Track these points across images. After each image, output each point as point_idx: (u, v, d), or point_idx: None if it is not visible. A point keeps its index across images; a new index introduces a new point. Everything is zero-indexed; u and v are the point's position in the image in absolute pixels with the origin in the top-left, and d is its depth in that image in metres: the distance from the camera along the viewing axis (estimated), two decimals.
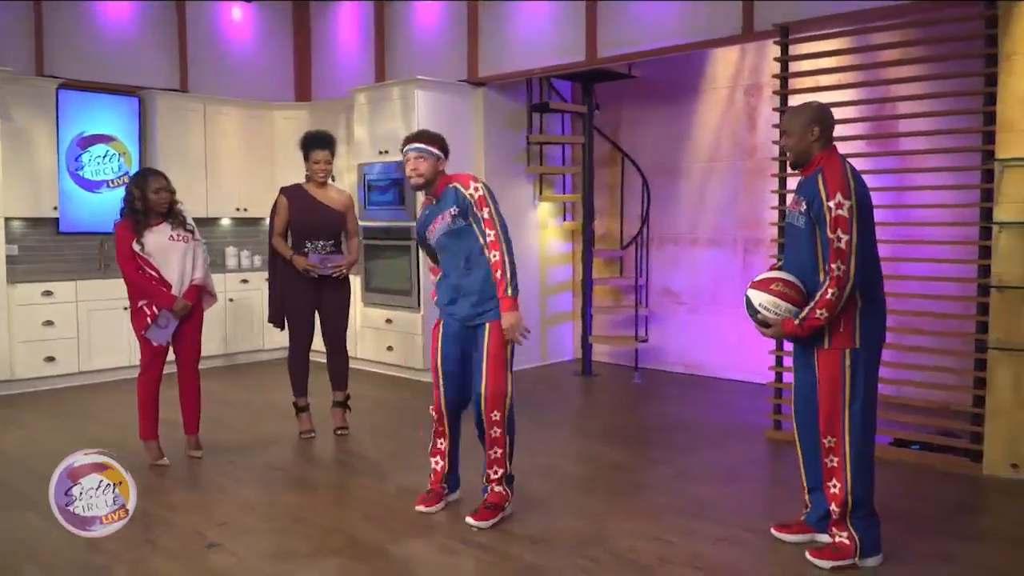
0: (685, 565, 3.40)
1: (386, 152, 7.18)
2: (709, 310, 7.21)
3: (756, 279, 3.49)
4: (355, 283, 6.85)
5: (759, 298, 3.39)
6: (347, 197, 5.48)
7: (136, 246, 4.52)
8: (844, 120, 5.26)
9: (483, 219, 3.78)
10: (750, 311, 3.45)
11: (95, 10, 7.51)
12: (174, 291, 4.61)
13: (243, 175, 8.16)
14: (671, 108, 7.37)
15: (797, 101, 5.14)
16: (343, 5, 8.41)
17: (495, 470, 3.86)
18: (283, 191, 5.37)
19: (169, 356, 4.78)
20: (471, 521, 3.82)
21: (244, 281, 7.93)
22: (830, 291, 3.21)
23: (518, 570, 3.38)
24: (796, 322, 3.30)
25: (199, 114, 7.86)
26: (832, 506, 3.38)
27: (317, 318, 5.38)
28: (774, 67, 5.54)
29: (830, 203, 3.21)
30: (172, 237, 4.60)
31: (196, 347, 4.83)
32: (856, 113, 5.44)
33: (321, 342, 5.39)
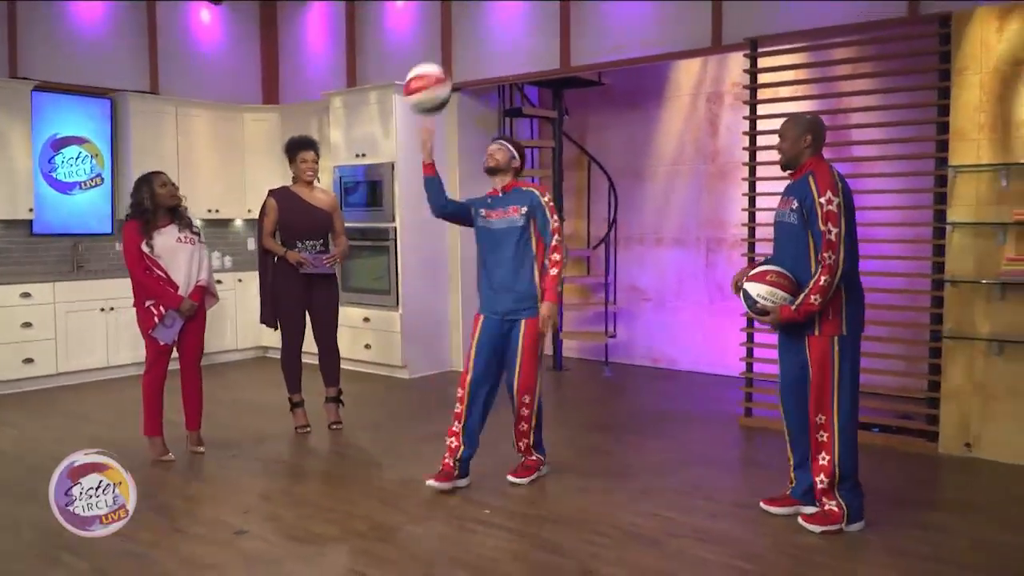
0: (688, 537, 3.71)
1: (363, 155, 7.37)
2: (674, 306, 7.58)
3: (751, 273, 3.82)
4: None
5: (756, 289, 3.72)
6: (332, 198, 5.68)
7: (145, 248, 4.65)
8: None
9: (553, 226, 4.19)
10: (748, 303, 3.77)
11: (68, 12, 7.52)
12: (181, 292, 4.74)
13: (214, 177, 8.24)
14: (637, 114, 7.72)
15: (766, 110, 5.57)
16: (311, 8, 8.53)
17: (525, 441, 4.41)
18: (271, 193, 5.51)
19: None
20: (512, 479, 4.38)
21: (218, 282, 7.95)
22: (823, 278, 3.57)
23: (537, 545, 3.64)
24: (793, 308, 3.64)
25: (171, 116, 7.92)
26: (821, 477, 3.74)
27: (307, 318, 5.55)
28: (736, 77, 5.92)
29: (821, 199, 3.58)
30: (179, 239, 4.75)
31: (199, 346, 4.97)
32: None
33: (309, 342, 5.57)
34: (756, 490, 4.24)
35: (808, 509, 3.89)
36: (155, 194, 4.69)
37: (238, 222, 8.78)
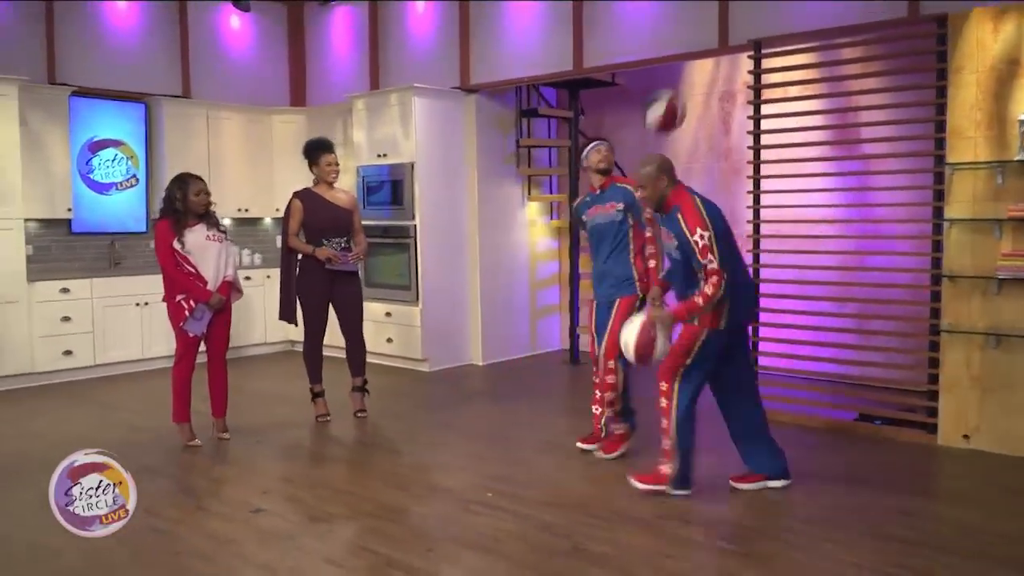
0: (677, 519, 3.91)
1: (384, 155, 7.62)
2: None
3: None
4: None
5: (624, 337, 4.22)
6: (352, 197, 5.94)
7: (176, 245, 4.94)
8: (811, 128, 5.84)
9: (647, 218, 4.66)
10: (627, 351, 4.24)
11: (103, 20, 7.85)
12: (209, 287, 5.03)
13: (244, 177, 8.55)
14: None
15: (770, 109, 5.72)
16: (337, 12, 8.78)
17: (608, 412, 4.80)
18: (296, 195, 5.77)
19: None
20: (601, 454, 4.79)
21: (247, 278, 8.30)
22: (707, 293, 3.92)
23: (535, 527, 3.86)
24: (678, 306, 4.04)
25: (202, 119, 8.24)
26: (665, 439, 4.12)
27: (331, 312, 5.81)
28: (747, 76, 6.06)
29: (694, 237, 3.92)
30: (208, 237, 5.03)
31: (226, 338, 5.26)
32: (822, 121, 5.98)
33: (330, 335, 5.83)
34: (730, 467, 4.42)
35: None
36: (187, 199, 4.98)
37: (267, 220, 9.09)
